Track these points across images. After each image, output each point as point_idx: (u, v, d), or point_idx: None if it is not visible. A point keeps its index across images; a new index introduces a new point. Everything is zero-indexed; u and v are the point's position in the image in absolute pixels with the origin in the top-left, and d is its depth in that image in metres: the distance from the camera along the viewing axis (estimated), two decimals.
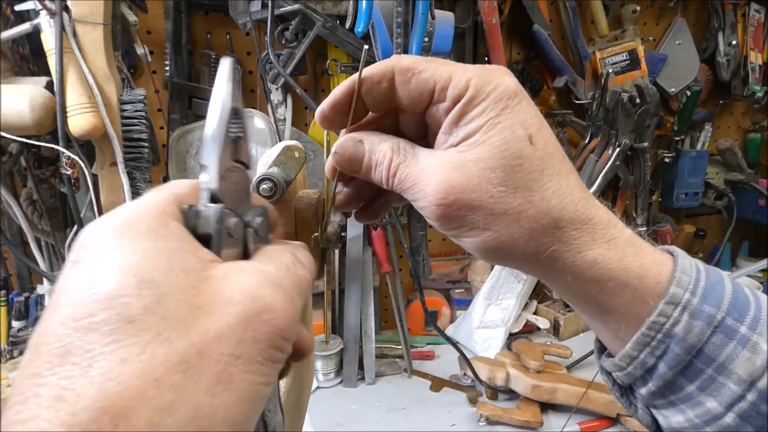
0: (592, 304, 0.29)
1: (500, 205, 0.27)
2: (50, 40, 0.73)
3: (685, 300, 0.27)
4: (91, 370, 0.17)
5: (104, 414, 0.17)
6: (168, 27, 0.98)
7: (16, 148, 0.85)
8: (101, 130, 0.75)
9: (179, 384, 0.18)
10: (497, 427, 0.98)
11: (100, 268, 0.20)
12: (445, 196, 0.28)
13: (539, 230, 0.28)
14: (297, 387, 0.35)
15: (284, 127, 1.07)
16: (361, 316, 1.15)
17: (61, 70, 0.72)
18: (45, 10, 0.73)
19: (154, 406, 0.18)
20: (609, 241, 0.28)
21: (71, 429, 0.16)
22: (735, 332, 0.27)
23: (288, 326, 0.22)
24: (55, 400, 0.17)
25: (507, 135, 0.27)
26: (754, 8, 1.37)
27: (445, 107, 0.29)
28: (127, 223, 0.21)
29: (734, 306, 0.28)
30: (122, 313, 0.19)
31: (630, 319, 0.29)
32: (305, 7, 0.95)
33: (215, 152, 0.24)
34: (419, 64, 0.29)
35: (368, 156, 0.31)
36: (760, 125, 1.54)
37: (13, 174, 0.89)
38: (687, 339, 0.27)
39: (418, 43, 0.92)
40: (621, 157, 1.20)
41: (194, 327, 0.20)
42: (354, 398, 1.09)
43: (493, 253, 0.29)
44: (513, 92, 0.28)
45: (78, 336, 0.18)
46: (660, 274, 0.28)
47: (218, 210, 0.24)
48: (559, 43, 1.25)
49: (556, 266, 0.28)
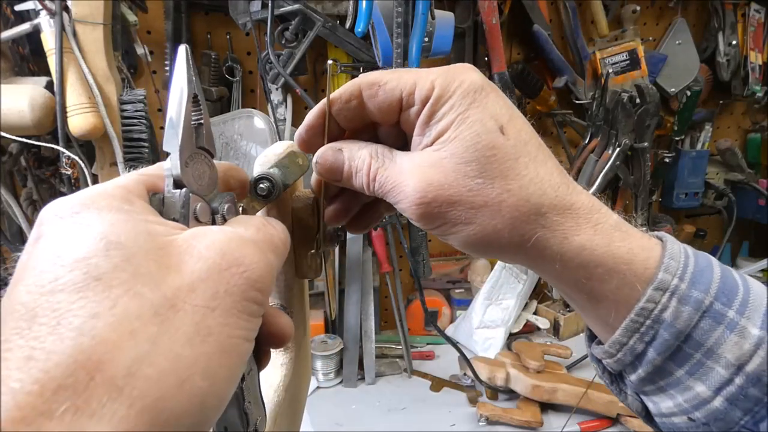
0: (582, 291, 0.29)
1: (479, 198, 0.28)
2: (50, 40, 0.73)
3: (673, 286, 0.28)
4: (60, 328, 0.17)
5: (79, 367, 0.17)
6: (168, 27, 0.98)
7: (16, 148, 0.85)
8: (101, 130, 0.75)
9: (155, 336, 0.19)
10: (497, 427, 0.98)
11: (65, 238, 0.20)
12: (424, 195, 0.28)
13: (521, 218, 0.28)
14: (295, 385, 0.36)
15: (284, 127, 1.07)
16: (361, 316, 1.15)
17: (61, 70, 0.72)
18: (45, 10, 0.73)
19: (131, 357, 0.18)
20: (594, 226, 0.28)
21: (45, 385, 0.16)
22: (723, 317, 0.27)
23: (260, 278, 0.22)
24: (25, 360, 0.17)
25: (477, 128, 0.28)
26: (754, 8, 1.36)
27: (416, 110, 0.29)
28: (91, 199, 0.21)
29: (722, 291, 0.28)
30: (89, 272, 0.19)
31: (619, 305, 0.29)
32: (305, 7, 0.95)
33: (176, 138, 0.24)
34: (383, 76, 0.30)
35: (348, 163, 0.31)
36: (760, 125, 1.54)
37: (13, 174, 0.89)
38: (675, 324, 0.27)
39: (418, 43, 0.92)
40: (621, 157, 1.20)
41: (165, 282, 0.20)
42: (354, 398, 1.09)
43: (480, 246, 0.29)
44: (479, 86, 0.29)
45: (45, 299, 0.18)
46: (648, 259, 0.28)
47: (184, 194, 0.24)
48: (559, 43, 1.25)
49: (544, 254, 0.28)
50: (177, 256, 0.21)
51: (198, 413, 0.19)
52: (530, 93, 1.23)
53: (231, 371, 0.21)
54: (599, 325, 0.31)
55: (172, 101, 0.25)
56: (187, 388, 0.19)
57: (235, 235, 0.23)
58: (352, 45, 1.02)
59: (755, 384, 0.26)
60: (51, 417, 0.16)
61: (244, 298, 0.21)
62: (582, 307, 0.31)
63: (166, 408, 0.18)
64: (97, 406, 0.17)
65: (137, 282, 0.19)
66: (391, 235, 1.17)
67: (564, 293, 0.32)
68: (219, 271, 0.21)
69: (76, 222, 0.20)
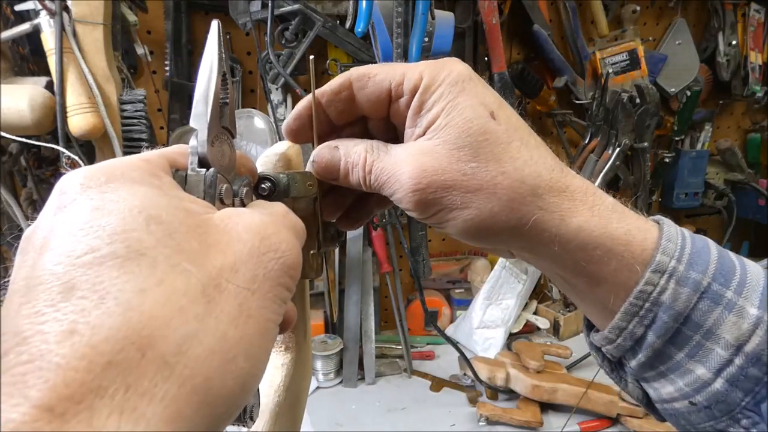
0: (582, 275, 0.29)
1: (474, 181, 0.28)
2: (50, 40, 0.73)
3: (671, 267, 0.27)
4: (106, 302, 0.17)
5: (130, 343, 0.16)
6: (168, 27, 0.98)
7: (16, 148, 0.85)
8: (101, 130, 0.75)
9: (203, 314, 0.18)
10: (497, 427, 0.98)
11: (97, 209, 0.19)
12: (419, 181, 0.28)
13: (518, 200, 0.28)
14: (295, 385, 0.36)
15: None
16: (361, 316, 1.15)
17: (61, 70, 0.72)
18: (45, 10, 0.73)
19: (181, 335, 0.17)
20: (591, 207, 0.28)
21: (94, 360, 0.16)
22: (721, 297, 0.27)
23: (294, 264, 0.22)
24: (67, 334, 0.16)
25: (468, 114, 0.28)
26: (754, 8, 1.36)
27: (405, 101, 0.29)
28: (120, 170, 0.21)
29: (720, 271, 0.28)
30: (131, 246, 0.18)
31: (618, 288, 0.28)
32: (305, 7, 0.95)
33: (205, 116, 0.24)
34: (373, 69, 0.30)
35: (344, 160, 0.31)
36: (760, 125, 1.54)
37: (13, 174, 0.89)
38: (674, 306, 0.27)
39: (418, 43, 0.92)
40: (621, 157, 1.20)
41: (208, 260, 0.20)
42: (354, 398, 1.09)
43: (478, 232, 0.29)
44: (467, 76, 0.29)
45: (82, 271, 0.17)
46: (645, 240, 0.28)
47: (212, 174, 0.23)
48: (559, 43, 1.25)
49: (542, 237, 0.28)
50: (216, 235, 0.21)
51: (239, 394, 0.19)
52: (530, 93, 1.23)
53: (266, 354, 0.21)
54: (598, 311, 0.31)
55: (201, 77, 0.24)
56: (232, 369, 0.19)
57: (270, 220, 0.23)
58: (352, 45, 1.02)
59: (755, 363, 0.26)
60: (102, 395, 0.15)
61: (279, 284, 0.21)
62: (581, 292, 0.31)
63: (213, 388, 0.18)
64: (149, 385, 0.16)
65: (182, 258, 0.19)
66: (391, 235, 1.17)
67: (563, 279, 0.31)
68: (259, 254, 0.21)
69: (107, 193, 0.19)
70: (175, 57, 1.00)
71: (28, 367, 0.15)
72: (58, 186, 0.21)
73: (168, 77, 1.00)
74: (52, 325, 0.16)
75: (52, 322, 0.16)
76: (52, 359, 0.16)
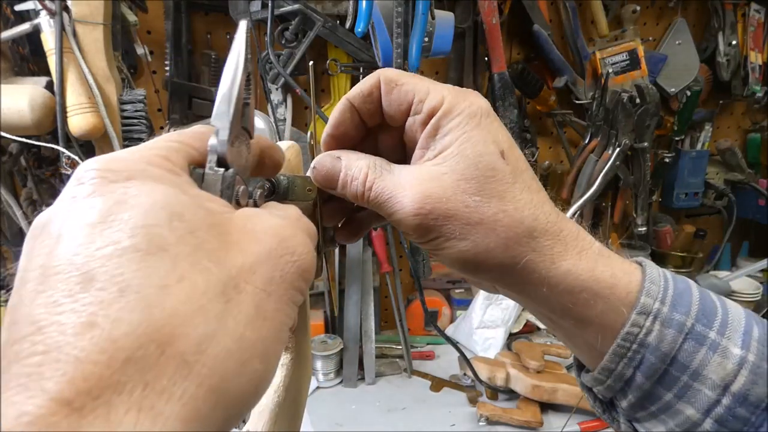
0: (569, 317, 0.30)
1: (476, 215, 0.28)
2: (50, 40, 0.73)
3: (655, 309, 0.28)
4: (126, 296, 0.16)
5: (150, 340, 0.16)
6: (168, 27, 0.98)
7: (16, 148, 0.85)
8: (101, 130, 0.75)
9: (222, 314, 0.18)
10: (497, 427, 0.98)
11: (118, 202, 0.19)
12: (422, 206, 0.28)
13: (514, 239, 0.28)
14: (295, 385, 0.35)
15: (284, 127, 1.07)
16: (361, 316, 1.15)
17: (61, 70, 0.72)
18: (45, 10, 0.73)
19: (200, 334, 0.17)
20: (580, 252, 0.29)
21: (113, 356, 0.15)
22: (705, 338, 0.28)
23: (309, 268, 0.22)
24: (86, 327, 0.16)
25: (480, 148, 0.28)
26: (754, 8, 1.36)
27: (421, 119, 0.30)
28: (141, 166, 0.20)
29: (702, 312, 0.28)
30: (153, 241, 0.18)
31: (605, 330, 0.29)
32: (305, 7, 0.95)
33: (228, 115, 0.23)
34: (402, 77, 0.31)
35: (344, 171, 0.31)
36: (760, 125, 1.54)
37: (13, 174, 0.89)
38: (660, 347, 0.28)
39: (418, 43, 0.92)
40: (621, 157, 1.20)
41: (228, 260, 0.19)
42: (354, 398, 1.09)
43: (471, 265, 0.29)
44: (486, 111, 0.30)
45: (101, 262, 0.17)
46: (630, 283, 0.29)
47: (231, 175, 0.23)
48: (559, 43, 1.25)
49: (532, 278, 0.29)
50: (235, 235, 0.21)
51: (252, 396, 0.19)
52: (530, 93, 1.23)
53: (278, 357, 0.21)
54: (587, 352, 0.32)
55: (225, 76, 0.24)
56: (248, 370, 0.18)
57: (287, 222, 0.23)
58: (352, 45, 1.02)
59: (742, 403, 0.27)
60: (120, 391, 0.15)
61: (293, 287, 0.21)
62: (569, 333, 0.31)
63: (229, 389, 0.18)
64: (167, 383, 0.16)
65: (202, 257, 0.19)
66: (391, 235, 1.17)
67: (550, 320, 0.32)
68: (276, 256, 0.21)
69: (130, 187, 0.19)
70: (175, 57, 1.00)
71: (44, 358, 0.15)
72: (76, 176, 0.20)
73: (168, 77, 1.00)
74: (69, 316, 0.16)
75: (70, 313, 0.16)
76: (70, 352, 0.15)
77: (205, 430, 0.17)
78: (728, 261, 1.53)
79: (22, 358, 0.15)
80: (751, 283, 1.27)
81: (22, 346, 0.16)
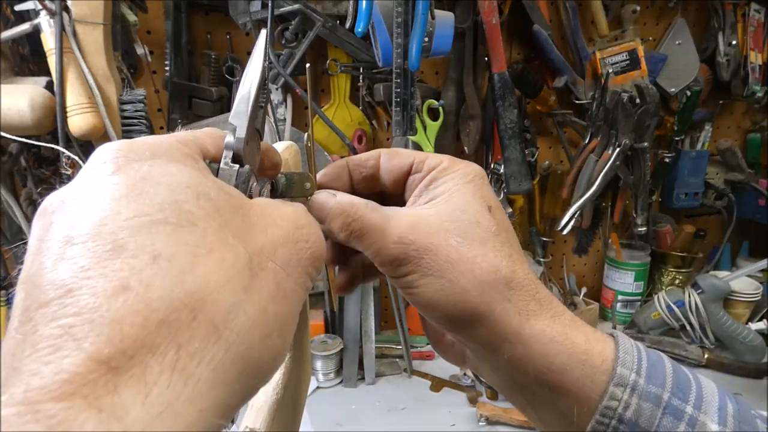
0: (543, 385, 0.29)
1: (455, 253, 0.28)
2: (50, 40, 0.73)
3: (632, 381, 0.27)
4: (159, 263, 0.17)
5: (183, 305, 0.17)
6: (168, 27, 0.98)
7: (16, 148, 0.85)
8: (101, 130, 0.75)
9: (248, 287, 0.19)
10: (497, 427, 0.98)
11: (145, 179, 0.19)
12: (405, 236, 0.28)
13: (491, 284, 0.28)
14: (294, 385, 0.36)
15: (284, 127, 1.07)
16: (361, 316, 1.15)
17: (61, 70, 0.72)
18: (45, 10, 0.73)
19: (230, 303, 0.18)
20: (553, 316, 0.29)
21: (148, 317, 0.16)
22: (682, 413, 0.27)
23: (320, 257, 0.24)
24: (119, 290, 0.16)
25: (469, 199, 0.30)
26: (754, 8, 1.36)
27: (420, 177, 0.32)
28: (163, 148, 0.21)
29: (677, 385, 0.28)
30: (182, 216, 0.18)
31: (581, 402, 0.28)
32: (305, 7, 0.95)
33: (245, 115, 0.25)
34: (402, 150, 0.34)
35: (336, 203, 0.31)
36: (760, 125, 1.54)
37: (13, 174, 0.89)
38: (639, 423, 0.27)
39: (418, 43, 0.92)
40: (621, 157, 1.20)
41: (252, 238, 0.20)
42: (354, 398, 1.09)
43: (444, 305, 0.28)
44: (480, 174, 0.32)
45: (130, 232, 0.17)
46: (604, 351, 0.29)
47: (247, 171, 0.24)
48: (559, 43, 1.25)
49: (507, 332, 0.28)
50: (255, 218, 0.21)
51: (271, 369, 0.20)
52: (530, 93, 1.23)
53: (291, 336, 0.21)
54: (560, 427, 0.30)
55: (245, 79, 0.26)
56: (269, 343, 0.19)
57: (302, 212, 0.24)
58: (352, 45, 1.02)
59: None
60: (154, 352, 0.16)
61: (306, 272, 0.22)
62: (543, 405, 0.30)
63: (252, 358, 0.18)
64: (199, 347, 0.16)
65: (228, 233, 0.19)
66: None
67: (524, 389, 0.30)
68: (294, 241, 0.22)
69: (154, 167, 0.20)
70: (175, 57, 1.00)
71: (77, 320, 0.15)
72: (97, 156, 0.20)
73: (168, 77, 1.00)
74: (98, 280, 0.16)
75: (99, 278, 0.16)
76: (104, 313, 0.15)
77: (230, 397, 0.17)
78: (728, 261, 1.53)
79: (50, 320, 0.16)
80: (751, 283, 1.27)
81: (50, 309, 0.16)
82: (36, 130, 0.74)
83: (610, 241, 1.39)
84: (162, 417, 0.15)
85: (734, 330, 1.20)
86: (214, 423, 0.17)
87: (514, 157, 1.15)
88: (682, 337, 1.29)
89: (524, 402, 0.31)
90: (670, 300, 1.27)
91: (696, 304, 1.23)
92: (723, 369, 1.18)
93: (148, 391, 0.15)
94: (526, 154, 1.17)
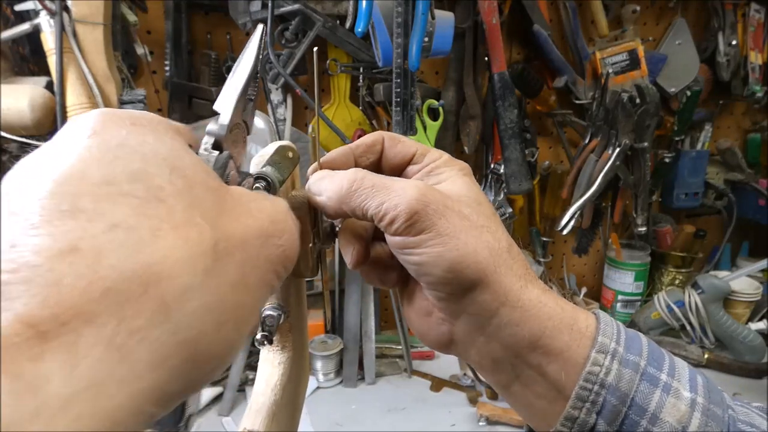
0: (537, 348, 0.29)
1: (467, 221, 0.30)
2: (50, 40, 0.73)
3: (612, 348, 0.29)
4: (116, 232, 0.16)
5: (136, 276, 0.16)
6: (168, 27, 0.99)
7: (16, 148, 0.85)
8: None
9: (209, 270, 0.18)
10: (497, 427, 0.98)
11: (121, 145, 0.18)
12: (424, 194, 0.29)
13: (495, 250, 0.30)
14: (292, 385, 0.36)
15: (284, 127, 1.07)
16: (361, 316, 1.15)
17: (61, 70, 0.73)
18: (45, 10, 0.73)
19: (186, 282, 0.17)
20: (543, 289, 0.31)
21: (93, 283, 0.15)
22: (657, 380, 0.28)
23: (291, 257, 0.23)
24: (66, 252, 0.15)
25: (469, 185, 0.33)
26: (754, 8, 1.36)
27: (419, 167, 0.34)
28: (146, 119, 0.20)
29: (652, 356, 0.30)
30: (151, 190, 0.18)
31: (569, 367, 0.29)
32: (305, 7, 0.95)
33: (233, 101, 0.24)
34: (403, 137, 0.35)
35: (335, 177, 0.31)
36: (760, 125, 1.53)
37: None
38: (620, 387, 0.28)
39: (418, 43, 0.92)
40: (621, 157, 1.20)
41: (221, 222, 0.20)
42: (354, 398, 1.09)
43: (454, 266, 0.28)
44: (471, 173, 0.34)
45: (93, 197, 0.16)
46: (588, 319, 0.31)
47: (225, 156, 0.24)
48: (559, 43, 1.25)
49: (508, 296, 0.29)
50: (230, 203, 0.21)
51: (220, 362, 0.19)
52: (530, 93, 1.23)
53: (246, 334, 0.20)
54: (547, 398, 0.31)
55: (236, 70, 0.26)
56: (222, 333, 0.18)
57: (281, 209, 0.24)
58: (352, 45, 1.02)
59: None
60: (91, 321, 0.14)
61: (273, 270, 0.22)
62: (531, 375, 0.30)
63: (202, 347, 0.17)
64: (143, 324, 0.15)
65: (197, 213, 0.18)
66: None
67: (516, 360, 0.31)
68: (266, 236, 0.21)
69: (132, 134, 0.19)
70: (175, 57, 1.00)
71: (12, 277, 0.14)
72: (78, 119, 0.20)
73: (168, 77, 1.00)
74: (46, 239, 0.15)
75: (47, 236, 0.15)
76: (44, 273, 0.14)
77: (169, 384, 0.16)
78: (728, 261, 1.53)
79: None
80: (751, 283, 1.27)
81: None
82: (36, 130, 0.74)
83: (610, 241, 1.39)
84: (86, 393, 0.14)
85: (734, 330, 1.20)
86: (145, 409, 0.15)
87: (514, 157, 1.15)
88: (682, 337, 1.29)
89: (512, 376, 0.31)
90: (670, 300, 1.27)
91: (696, 304, 1.23)
92: (723, 369, 1.18)
93: (77, 362, 0.14)
94: (526, 154, 1.17)
